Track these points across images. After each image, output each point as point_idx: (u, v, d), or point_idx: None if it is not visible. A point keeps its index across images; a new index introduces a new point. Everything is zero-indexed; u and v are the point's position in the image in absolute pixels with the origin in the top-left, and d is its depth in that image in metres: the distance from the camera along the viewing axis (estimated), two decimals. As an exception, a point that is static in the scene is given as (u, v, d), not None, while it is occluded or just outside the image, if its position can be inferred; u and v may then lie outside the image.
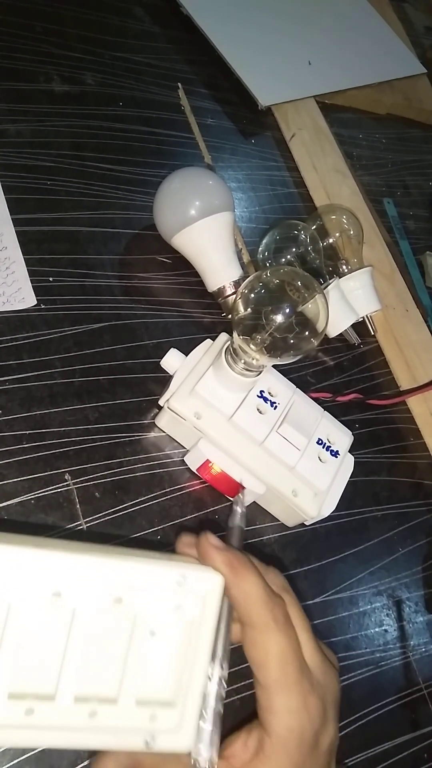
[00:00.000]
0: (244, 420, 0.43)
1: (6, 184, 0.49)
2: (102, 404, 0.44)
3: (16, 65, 0.56)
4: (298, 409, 0.46)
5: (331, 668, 0.34)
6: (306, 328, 0.40)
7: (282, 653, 0.32)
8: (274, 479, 0.43)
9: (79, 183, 0.53)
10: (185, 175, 0.51)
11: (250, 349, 0.40)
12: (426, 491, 0.56)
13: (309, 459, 0.44)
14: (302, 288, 0.40)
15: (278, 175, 0.67)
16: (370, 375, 0.59)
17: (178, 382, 0.43)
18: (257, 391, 0.44)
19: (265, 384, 0.45)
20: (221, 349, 0.43)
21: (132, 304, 0.50)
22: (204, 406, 0.42)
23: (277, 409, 0.45)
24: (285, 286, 0.40)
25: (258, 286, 0.41)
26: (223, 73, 0.69)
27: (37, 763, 0.34)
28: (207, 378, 0.43)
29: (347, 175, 0.70)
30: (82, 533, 0.40)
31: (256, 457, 0.43)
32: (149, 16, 0.69)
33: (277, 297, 0.40)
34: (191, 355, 0.44)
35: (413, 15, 1.01)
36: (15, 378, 0.42)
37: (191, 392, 0.42)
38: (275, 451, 0.43)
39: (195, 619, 0.28)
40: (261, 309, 0.39)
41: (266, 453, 0.43)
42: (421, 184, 0.80)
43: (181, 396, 0.42)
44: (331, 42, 0.81)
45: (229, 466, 0.42)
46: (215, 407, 0.42)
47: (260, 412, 0.44)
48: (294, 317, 0.39)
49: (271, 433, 0.43)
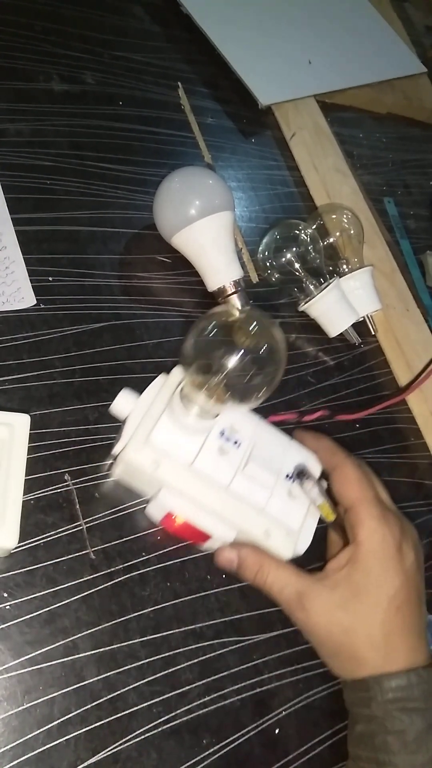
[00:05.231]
0: (207, 464, 0.40)
1: (5, 184, 0.49)
2: (102, 404, 0.44)
3: (16, 64, 0.56)
4: (263, 443, 0.42)
5: (405, 518, 0.43)
6: (262, 375, 0.37)
7: (360, 479, 0.41)
8: (243, 523, 0.40)
9: (78, 182, 0.53)
10: (185, 175, 0.51)
11: (201, 399, 0.38)
12: (426, 491, 0.56)
13: (279, 497, 0.41)
14: (256, 332, 0.37)
15: (278, 174, 0.67)
16: (370, 375, 0.59)
17: (131, 429, 0.39)
18: (218, 431, 0.41)
19: (227, 421, 0.41)
20: (175, 391, 0.40)
21: (132, 304, 0.50)
22: (162, 455, 0.39)
23: (241, 447, 0.41)
24: (238, 329, 0.37)
25: (208, 328, 0.37)
26: (223, 73, 0.69)
27: (38, 763, 0.34)
28: (162, 424, 0.39)
29: (347, 175, 0.70)
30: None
31: (222, 503, 0.40)
32: (149, 16, 0.69)
33: (228, 343, 0.36)
34: (144, 397, 0.41)
35: (414, 14, 1.01)
36: (14, 378, 0.42)
37: (146, 441, 0.39)
38: (243, 494, 0.40)
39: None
40: (210, 356, 0.36)
41: (233, 497, 0.40)
42: (422, 183, 0.80)
43: (136, 446, 0.39)
44: (331, 41, 0.80)
45: (195, 515, 0.39)
46: (174, 455, 0.39)
47: (223, 453, 0.40)
48: (248, 363, 0.36)
49: (237, 475, 0.40)
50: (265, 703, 0.42)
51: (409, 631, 0.39)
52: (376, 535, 0.39)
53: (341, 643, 0.39)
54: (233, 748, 0.39)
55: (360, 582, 0.39)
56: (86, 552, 0.40)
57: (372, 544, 0.39)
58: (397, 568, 0.39)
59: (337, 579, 0.39)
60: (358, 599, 0.39)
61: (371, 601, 0.39)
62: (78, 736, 0.36)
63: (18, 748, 0.34)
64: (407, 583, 0.39)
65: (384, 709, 0.37)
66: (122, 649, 0.38)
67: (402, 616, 0.39)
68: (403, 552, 0.40)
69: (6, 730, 0.34)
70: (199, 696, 0.40)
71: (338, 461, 0.42)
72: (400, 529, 0.41)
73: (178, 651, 0.40)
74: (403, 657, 0.38)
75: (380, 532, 0.40)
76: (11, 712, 0.35)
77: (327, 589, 0.39)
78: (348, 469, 0.42)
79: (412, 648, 0.39)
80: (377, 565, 0.39)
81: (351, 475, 0.41)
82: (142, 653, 0.39)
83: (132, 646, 0.39)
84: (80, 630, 0.38)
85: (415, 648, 0.39)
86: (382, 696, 0.37)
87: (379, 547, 0.39)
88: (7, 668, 0.35)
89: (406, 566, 0.40)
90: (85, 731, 0.36)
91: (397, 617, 0.39)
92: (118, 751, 0.36)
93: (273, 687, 0.42)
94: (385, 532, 0.40)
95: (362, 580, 0.39)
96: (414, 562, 0.41)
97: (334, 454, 0.43)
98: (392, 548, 0.40)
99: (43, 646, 0.36)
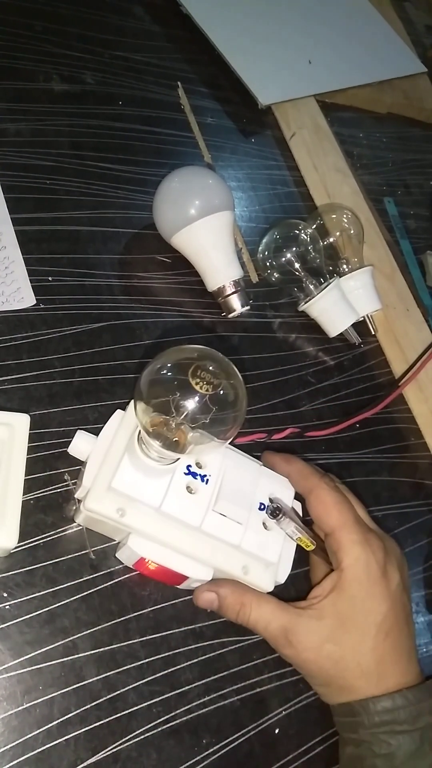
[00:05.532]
0: (175, 506, 0.37)
1: (5, 184, 0.49)
2: (101, 404, 0.44)
3: (16, 64, 0.56)
4: (232, 475, 0.40)
5: (387, 535, 0.42)
6: (222, 419, 0.35)
7: (337, 503, 0.40)
8: (219, 562, 0.39)
9: (78, 182, 0.53)
10: (185, 174, 0.51)
11: (157, 446, 0.35)
12: (427, 491, 0.56)
13: (253, 530, 0.39)
14: (216, 374, 0.35)
15: (278, 174, 0.67)
16: (370, 375, 0.59)
17: (92, 474, 0.37)
18: (184, 469, 0.39)
19: (191, 457, 0.39)
20: (134, 432, 0.37)
21: (131, 304, 0.50)
22: (126, 501, 0.37)
23: (210, 482, 0.39)
24: (195, 370, 0.35)
25: (164, 369, 0.35)
26: (223, 72, 0.69)
27: (37, 763, 0.34)
28: (124, 468, 0.37)
29: (347, 174, 0.70)
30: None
31: (195, 544, 0.38)
32: (149, 15, 0.69)
33: (184, 386, 0.34)
34: (101, 437, 0.38)
35: (414, 14, 1.01)
36: (14, 378, 0.42)
37: (109, 488, 0.37)
38: (215, 533, 0.38)
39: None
40: (165, 400, 0.34)
41: (206, 536, 0.38)
42: (422, 183, 0.80)
43: (98, 494, 0.37)
44: (331, 41, 0.80)
45: (168, 558, 0.38)
46: (139, 500, 0.37)
47: (191, 492, 0.38)
48: (207, 408, 0.34)
49: (208, 514, 0.38)
50: (264, 703, 0.42)
51: (399, 654, 0.39)
52: (360, 562, 0.39)
53: (332, 675, 0.38)
54: (233, 747, 0.39)
55: (346, 611, 0.38)
56: (86, 552, 0.40)
57: (356, 571, 0.39)
58: (384, 593, 0.39)
59: (323, 608, 0.38)
60: (346, 629, 0.38)
61: (359, 630, 0.38)
62: (78, 736, 0.36)
63: (17, 748, 0.34)
64: (394, 606, 0.39)
65: (371, 734, 0.37)
66: (122, 648, 0.38)
67: (391, 641, 0.38)
68: (388, 575, 0.39)
69: (5, 730, 0.34)
70: (198, 696, 0.40)
71: (312, 485, 0.41)
72: (383, 550, 0.40)
73: (178, 651, 0.40)
74: (393, 681, 0.38)
75: (364, 558, 0.39)
76: (11, 711, 0.35)
77: (313, 621, 0.38)
78: (324, 493, 0.40)
79: (403, 671, 0.39)
80: (362, 592, 0.38)
81: (328, 500, 0.40)
82: (142, 653, 0.39)
83: (132, 645, 0.39)
84: (80, 630, 0.38)
85: (405, 669, 0.39)
86: (369, 720, 0.37)
87: (363, 574, 0.39)
88: (6, 668, 0.35)
89: (391, 589, 0.39)
90: (84, 731, 0.36)
91: (387, 642, 0.38)
92: (118, 750, 0.36)
93: (273, 687, 0.42)
94: (369, 558, 0.39)
95: (349, 609, 0.38)
96: (399, 583, 0.40)
97: (307, 478, 0.41)
98: (377, 573, 0.39)
99: (42, 645, 0.36)
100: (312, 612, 0.38)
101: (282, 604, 0.39)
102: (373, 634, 0.38)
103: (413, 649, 0.40)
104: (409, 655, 0.39)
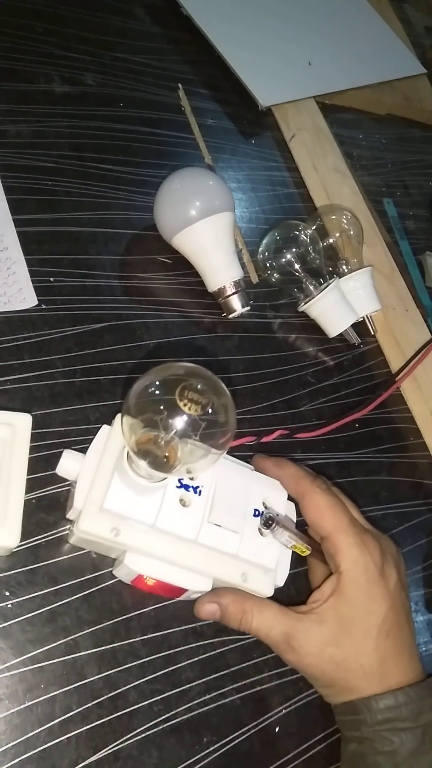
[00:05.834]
0: (170, 521, 0.37)
1: (7, 185, 0.49)
2: (103, 404, 0.44)
3: (16, 66, 0.56)
4: (224, 483, 0.40)
5: (382, 533, 0.42)
6: (211, 435, 0.34)
7: (331, 506, 0.40)
8: (218, 572, 0.39)
9: (79, 183, 0.53)
10: (185, 176, 0.51)
11: (145, 467, 0.35)
12: (426, 491, 0.56)
13: (250, 538, 0.39)
14: (204, 392, 0.34)
15: (278, 175, 0.67)
16: (370, 375, 0.59)
17: (83, 495, 0.37)
18: (176, 482, 0.38)
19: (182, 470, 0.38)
20: (123, 450, 0.37)
21: (132, 305, 0.50)
22: (120, 520, 0.36)
23: (203, 493, 0.39)
24: (182, 391, 0.34)
25: (151, 389, 0.34)
26: (224, 74, 0.69)
27: (39, 761, 0.34)
28: (115, 487, 0.36)
29: (347, 175, 0.70)
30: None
31: (193, 557, 0.38)
32: (149, 17, 0.69)
33: (171, 408, 0.33)
34: (89, 455, 0.38)
35: (413, 15, 1.01)
36: (16, 378, 0.43)
37: (101, 509, 0.36)
38: (212, 544, 0.38)
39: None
40: (153, 420, 0.34)
41: (203, 548, 0.38)
42: (422, 184, 0.80)
43: (90, 515, 0.36)
44: (331, 42, 0.81)
45: (166, 573, 0.38)
46: (133, 518, 0.36)
47: (185, 505, 0.38)
48: (195, 428, 0.34)
49: (203, 526, 0.38)
50: (265, 702, 0.42)
51: (400, 653, 0.39)
52: (358, 565, 0.39)
53: (335, 678, 0.39)
54: (233, 746, 0.40)
55: (347, 614, 0.38)
56: (87, 551, 0.40)
57: (354, 573, 0.39)
58: (383, 594, 0.39)
59: (323, 612, 0.39)
60: (347, 632, 0.38)
61: (361, 632, 0.38)
62: (79, 735, 0.36)
63: (19, 746, 0.34)
64: (394, 605, 0.39)
65: (374, 731, 0.37)
66: (123, 647, 0.39)
67: (393, 640, 0.39)
68: (386, 575, 0.39)
69: (7, 728, 0.34)
70: (199, 694, 0.40)
71: (305, 489, 0.41)
72: (379, 550, 0.40)
73: (179, 649, 0.40)
74: (396, 679, 0.38)
75: (361, 561, 0.39)
76: (13, 710, 0.35)
77: (314, 625, 0.38)
78: (317, 497, 0.40)
79: (405, 668, 0.39)
80: (362, 594, 0.39)
81: (321, 504, 0.40)
82: (143, 652, 0.39)
83: (133, 644, 0.39)
84: (81, 628, 0.38)
85: (407, 667, 0.39)
86: (371, 718, 0.37)
87: (362, 576, 0.39)
88: (8, 666, 0.35)
89: (390, 588, 0.39)
90: (86, 729, 0.36)
91: (388, 642, 0.39)
92: (119, 749, 0.36)
93: (273, 685, 0.42)
94: (366, 559, 0.39)
95: (349, 612, 0.38)
96: (397, 582, 0.40)
97: (299, 482, 0.41)
98: (375, 574, 0.39)
99: (44, 644, 0.37)
100: (313, 616, 0.39)
101: (283, 609, 0.39)
102: (374, 635, 0.38)
103: (414, 646, 0.40)
104: (411, 653, 0.40)
